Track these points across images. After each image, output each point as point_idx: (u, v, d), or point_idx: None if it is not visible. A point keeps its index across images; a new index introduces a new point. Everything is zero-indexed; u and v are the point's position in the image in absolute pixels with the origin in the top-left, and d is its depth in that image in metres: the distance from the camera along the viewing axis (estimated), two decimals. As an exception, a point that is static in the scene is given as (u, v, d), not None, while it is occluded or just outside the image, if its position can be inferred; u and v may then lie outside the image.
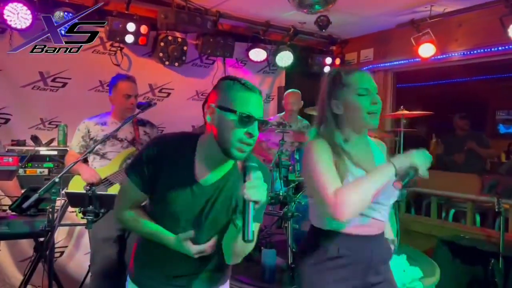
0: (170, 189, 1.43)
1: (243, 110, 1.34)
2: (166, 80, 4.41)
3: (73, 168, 2.81)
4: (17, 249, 3.70)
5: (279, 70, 5.12)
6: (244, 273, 3.09)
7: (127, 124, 2.77)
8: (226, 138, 1.36)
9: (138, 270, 1.60)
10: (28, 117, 3.76)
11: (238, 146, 1.35)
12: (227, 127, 1.35)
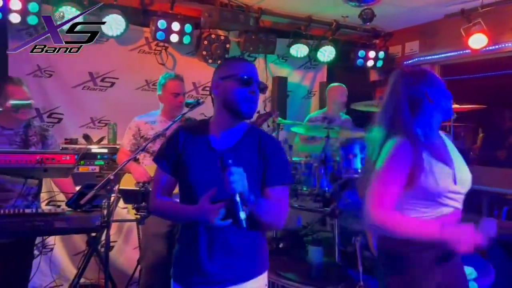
0: (190, 161, 1.58)
1: (243, 74, 1.54)
2: (209, 78, 4.41)
3: (125, 167, 2.91)
4: (71, 243, 3.87)
5: (320, 65, 5.06)
6: (290, 270, 3.08)
7: (176, 122, 2.82)
8: (233, 100, 1.54)
9: (176, 268, 1.68)
10: (79, 117, 3.91)
11: (245, 104, 1.54)
12: (233, 90, 1.54)
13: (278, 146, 1.65)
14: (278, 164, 1.58)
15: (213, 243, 1.55)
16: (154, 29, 3.87)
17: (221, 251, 1.55)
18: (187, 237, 1.62)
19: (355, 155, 3.24)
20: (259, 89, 1.58)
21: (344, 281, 2.86)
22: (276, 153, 1.60)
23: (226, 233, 1.53)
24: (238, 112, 1.55)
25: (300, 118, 4.68)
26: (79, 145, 3.59)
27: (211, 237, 1.55)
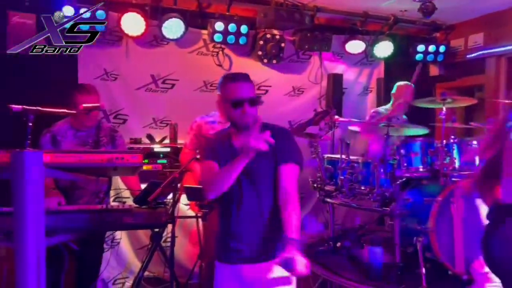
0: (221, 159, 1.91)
1: (233, 97, 1.87)
2: (264, 78, 4.50)
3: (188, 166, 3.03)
4: (135, 238, 4.07)
5: (377, 61, 4.95)
6: (348, 270, 3.06)
7: None
8: (231, 118, 1.92)
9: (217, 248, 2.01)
10: (142, 117, 4.10)
11: (240, 120, 1.88)
12: (228, 111, 1.91)
13: (286, 133, 1.98)
14: (286, 147, 1.90)
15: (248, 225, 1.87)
16: (211, 31, 3.97)
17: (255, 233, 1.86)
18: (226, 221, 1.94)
19: (416, 154, 3.15)
20: (251, 105, 1.86)
21: (405, 282, 2.80)
22: (285, 139, 1.91)
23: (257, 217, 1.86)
24: (237, 126, 1.92)
25: (356, 115, 4.62)
26: (143, 144, 3.77)
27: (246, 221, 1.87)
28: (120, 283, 4.00)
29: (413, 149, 3.16)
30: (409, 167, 3.15)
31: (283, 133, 1.93)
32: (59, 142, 2.96)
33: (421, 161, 3.14)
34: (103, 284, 3.85)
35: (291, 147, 1.92)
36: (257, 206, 1.87)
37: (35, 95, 2.44)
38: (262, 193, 1.87)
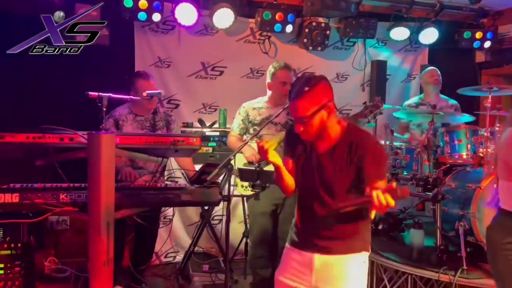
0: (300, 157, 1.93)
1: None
2: (309, 65, 4.61)
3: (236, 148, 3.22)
4: (185, 215, 4.35)
5: (421, 47, 4.96)
6: (390, 251, 3.19)
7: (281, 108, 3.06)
8: None
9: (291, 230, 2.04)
10: (192, 103, 4.33)
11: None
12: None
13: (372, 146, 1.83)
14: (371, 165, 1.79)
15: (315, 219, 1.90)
16: (259, 20, 4.12)
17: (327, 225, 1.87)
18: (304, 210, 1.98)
19: (460, 141, 3.22)
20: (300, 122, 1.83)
21: (446, 264, 2.91)
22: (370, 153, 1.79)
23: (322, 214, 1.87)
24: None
25: (400, 102, 4.67)
26: (195, 128, 4.00)
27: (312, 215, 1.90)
28: (171, 257, 4.31)
29: (457, 136, 3.23)
30: (452, 154, 3.22)
31: (372, 149, 1.80)
32: (121, 126, 3.23)
33: (465, 148, 3.20)
34: (156, 257, 4.15)
35: (380, 168, 1.81)
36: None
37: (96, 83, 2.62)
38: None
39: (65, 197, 2.28)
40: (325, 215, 1.85)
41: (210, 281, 3.70)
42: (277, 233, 3.31)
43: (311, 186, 1.90)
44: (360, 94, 4.81)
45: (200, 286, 3.56)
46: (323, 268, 1.88)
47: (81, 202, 2.27)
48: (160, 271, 4.08)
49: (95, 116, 2.47)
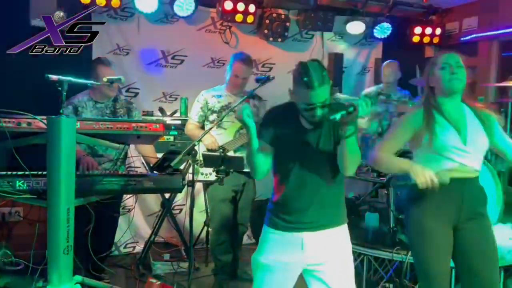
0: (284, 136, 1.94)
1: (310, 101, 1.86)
2: (269, 56, 4.69)
3: (195, 135, 3.24)
4: (145, 205, 4.31)
5: (376, 42, 5.16)
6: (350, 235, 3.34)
7: (240, 97, 3.12)
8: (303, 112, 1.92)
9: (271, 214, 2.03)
10: (152, 91, 4.29)
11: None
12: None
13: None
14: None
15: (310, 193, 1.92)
16: (220, 9, 4.13)
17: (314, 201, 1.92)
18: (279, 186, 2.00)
19: (411, 129, 3.40)
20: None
21: (399, 244, 3.09)
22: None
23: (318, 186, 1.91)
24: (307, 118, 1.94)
25: (355, 93, 4.85)
26: (155, 116, 3.97)
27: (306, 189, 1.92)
28: (131, 247, 4.26)
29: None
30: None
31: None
32: (80, 112, 3.15)
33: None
34: (115, 247, 4.09)
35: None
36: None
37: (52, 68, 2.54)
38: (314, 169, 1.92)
39: (22, 184, 2.22)
40: (313, 192, 1.91)
41: (171, 269, 3.72)
42: (236, 219, 3.37)
43: (298, 165, 1.92)
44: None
45: (161, 274, 3.56)
46: (314, 245, 1.93)
47: (40, 189, 2.21)
48: (120, 261, 4.03)
49: (54, 102, 2.40)
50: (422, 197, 2.09)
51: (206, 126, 3.33)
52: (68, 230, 2.24)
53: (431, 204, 2.09)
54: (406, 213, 2.25)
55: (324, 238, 1.93)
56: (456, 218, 2.10)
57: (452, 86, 2.10)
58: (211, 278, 3.52)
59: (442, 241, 2.11)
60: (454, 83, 2.10)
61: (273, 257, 1.97)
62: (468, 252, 2.10)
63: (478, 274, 2.07)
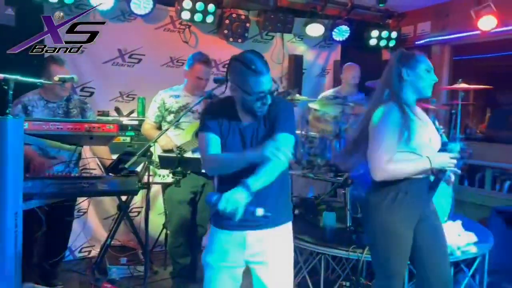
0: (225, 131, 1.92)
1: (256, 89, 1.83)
2: (229, 56, 4.58)
3: (152, 135, 3.17)
4: (101, 208, 4.19)
5: (335, 44, 5.25)
6: (306, 234, 3.37)
7: (198, 97, 3.08)
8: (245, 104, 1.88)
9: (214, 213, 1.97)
10: (109, 91, 4.17)
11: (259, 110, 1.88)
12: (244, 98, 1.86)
13: (284, 105, 1.94)
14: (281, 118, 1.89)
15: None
16: (179, 8, 4.08)
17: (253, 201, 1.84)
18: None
19: (367, 130, 3.48)
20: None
21: (355, 243, 3.14)
22: (281, 111, 1.90)
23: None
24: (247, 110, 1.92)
25: (315, 95, 4.92)
26: (111, 116, 3.86)
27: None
28: (86, 251, 4.13)
29: (365, 125, 3.49)
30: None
31: (279, 105, 1.92)
32: (30, 112, 3.02)
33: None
34: (70, 252, 3.96)
35: (284, 118, 1.90)
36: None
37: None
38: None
39: (-37, 187, 2.10)
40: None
41: (128, 274, 3.63)
42: (195, 220, 3.33)
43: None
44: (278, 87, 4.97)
45: (117, 279, 3.47)
46: (255, 244, 1.93)
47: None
48: (74, 266, 3.90)
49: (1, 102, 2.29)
50: (392, 200, 2.11)
51: (164, 127, 3.28)
52: (16, 236, 2.15)
53: (401, 208, 2.11)
54: (368, 213, 2.25)
55: (266, 237, 1.94)
56: (419, 216, 2.17)
57: (430, 92, 2.17)
58: (169, 281, 3.47)
59: (407, 243, 2.15)
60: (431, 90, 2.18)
61: (218, 256, 1.98)
62: (423, 249, 2.16)
63: (433, 269, 2.15)
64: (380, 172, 2.06)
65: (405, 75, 2.13)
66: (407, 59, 2.15)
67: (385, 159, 2.04)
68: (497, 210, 3.86)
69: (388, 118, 2.06)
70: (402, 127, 2.04)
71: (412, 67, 2.13)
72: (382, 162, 2.04)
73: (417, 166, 2.06)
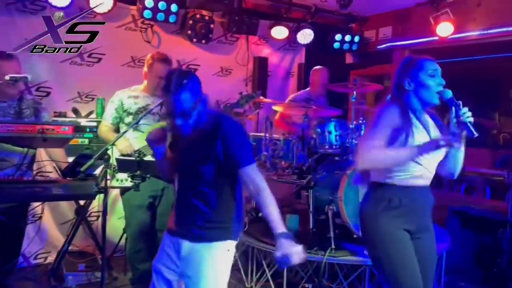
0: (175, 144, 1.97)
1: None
2: (193, 57, 4.61)
3: (109, 138, 3.06)
4: (59, 212, 4.03)
5: (299, 47, 5.29)
6: (269, 236, 3.36)
7: (159, 98, 2.92)
8: None
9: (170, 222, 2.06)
10: (66, 91, 4.02)
11: None
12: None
13: (235, 130, 1.88)
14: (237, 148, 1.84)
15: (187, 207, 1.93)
16: (141, 7, 3.99)
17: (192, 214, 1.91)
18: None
19: (330, 132, 3.53)
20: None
21: (318, 245, 3.17)
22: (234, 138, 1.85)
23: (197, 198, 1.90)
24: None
25: (280, 97, 4.94)
26: (68, 118, 3.72)
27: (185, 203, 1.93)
28: (42, 258, 3.96)
29: (328, 128, 3.53)
30: (323, 144, 3.51)
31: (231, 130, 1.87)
32: (-22, 112, 2.86)
33: (334, 139, 3.51)
34: (24, 259, 3.79)
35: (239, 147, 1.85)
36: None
37: None
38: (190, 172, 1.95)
39: None
40: (196, 203, 1.89)
41: (86, 280, 3.50)
42: (155, 225, 3.25)
43: (183, 174, 1.94)
44: (243, 88, 4.95)
45: (73, 286, 3.35)
46: (189, 255, 1.91)
47: None
48: (28, 274, 3.72)
49: None
50: (386, 207, 2.01)
51: (122, 129, 3.16)
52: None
53: (396, 214, 2.00)
54: (364, 224, 2.11)
55: (199, 251, 1.89)
56: (414, 227, 2.04)
57: (436, 100, 2.02)
58: (128, 287, 3.37)
59: (409, 250, 2.01)
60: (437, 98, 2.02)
61: (161, 261, 1.99)
62: (421, 260, 2.03)
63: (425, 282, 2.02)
64: (362, 159, 1.97)
65: (407, 86, 2.03)
66: (408, 68, 2.06)
67: (370, 147, 1.96)
68: (453, 210, 3.99)
69: (383, 114, 2.00)
70: (400, 128, 1.95)
71: (413, 76, 2.02)
72: (367, 149, 1.96)
73: (405, 152, 1.94)
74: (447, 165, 2.09)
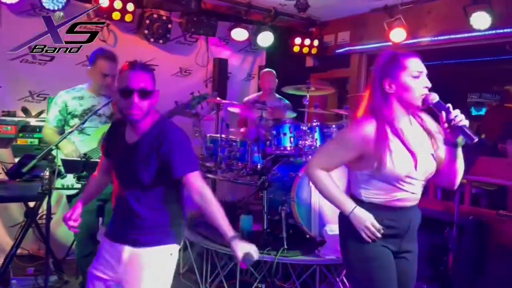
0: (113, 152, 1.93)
1: (121, 86, 1.76)
2: (151, 57, 4.55)
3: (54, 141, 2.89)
4: (7, 215, 3.89)
5: (260, 50, 5.32)
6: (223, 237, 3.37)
7: (105, 99, 2.82)
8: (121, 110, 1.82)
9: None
10: (17, 90, 3.90)
11: (126, 113, 1.77)
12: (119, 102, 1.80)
13: (177, 138, 1.81)
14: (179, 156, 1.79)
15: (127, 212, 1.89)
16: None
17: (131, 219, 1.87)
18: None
19: (285, 134, 3.57)
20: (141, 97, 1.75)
21: (271, 245, 3.19)
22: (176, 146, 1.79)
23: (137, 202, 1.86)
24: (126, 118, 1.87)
25: (241, 99, 4.95)
26: (18, 117, 3.60)
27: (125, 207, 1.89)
28: (-12, 262, 3.80)
29: (283, 130, 3.57)
30: (278, 146, 3.55)
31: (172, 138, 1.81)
32: None
33: (289, 140, 3.56)
34: (-32, 264, 3.63)
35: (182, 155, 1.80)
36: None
37: None
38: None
39: None
40: (135, 207, 1.85)
41: (35, 285, 3.40)
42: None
43: (122, 179, 1.90)
44: (203, 90, 4.94)
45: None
46: (130, 260, 1.85)
47: None
48: (-28, 279, 3.57)
49: None
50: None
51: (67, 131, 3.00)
52: None
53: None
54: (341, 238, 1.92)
55: (141, 256, 1.85)
56: (397, 248, 1.84)
57: (419, 102, 1.74)
58: (79, 291, 3.29)
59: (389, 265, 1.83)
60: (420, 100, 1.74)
61: (97, 267, 1.91)
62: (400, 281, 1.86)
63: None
64: (308, 170, 1.86)
65: (387, 88, 1.75)
66: (388, 66, 1.77)
67: (315, 161, 1.87)
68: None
69: (354, 135, 1.78)
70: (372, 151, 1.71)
71: (394, 76, 1.74)
72: (316, 164, 1.84)
73: (337, 196, 1.81)
74: (445, 177, 1.85)
